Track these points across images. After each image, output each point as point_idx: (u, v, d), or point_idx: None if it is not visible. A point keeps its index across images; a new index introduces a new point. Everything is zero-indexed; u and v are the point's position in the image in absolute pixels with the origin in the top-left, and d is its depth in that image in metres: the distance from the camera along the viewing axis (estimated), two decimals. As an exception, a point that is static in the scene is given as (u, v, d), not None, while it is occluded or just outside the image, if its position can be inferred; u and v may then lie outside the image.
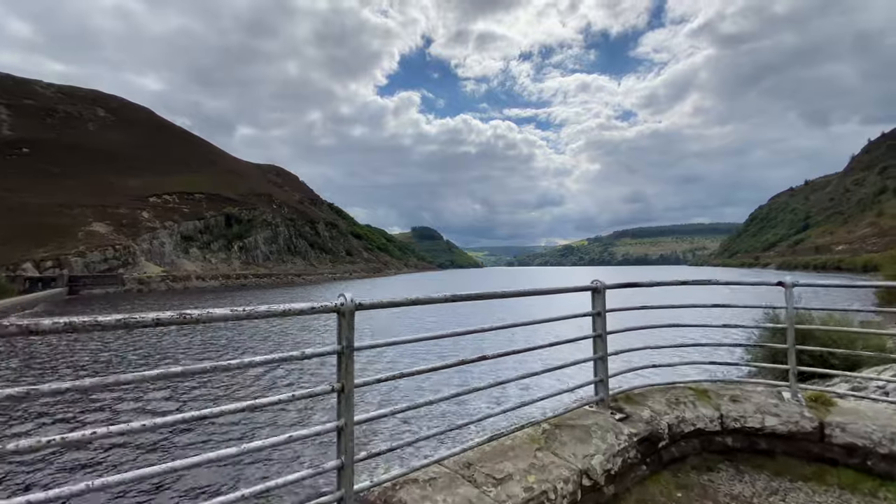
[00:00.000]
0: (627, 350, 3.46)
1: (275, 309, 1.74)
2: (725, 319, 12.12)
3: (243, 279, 74.76)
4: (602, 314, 3.14)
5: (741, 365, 6.37)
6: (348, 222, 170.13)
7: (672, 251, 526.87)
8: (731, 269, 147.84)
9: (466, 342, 17.16)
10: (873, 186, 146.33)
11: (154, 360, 14.91)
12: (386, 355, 14.22)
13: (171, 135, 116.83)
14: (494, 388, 2.76)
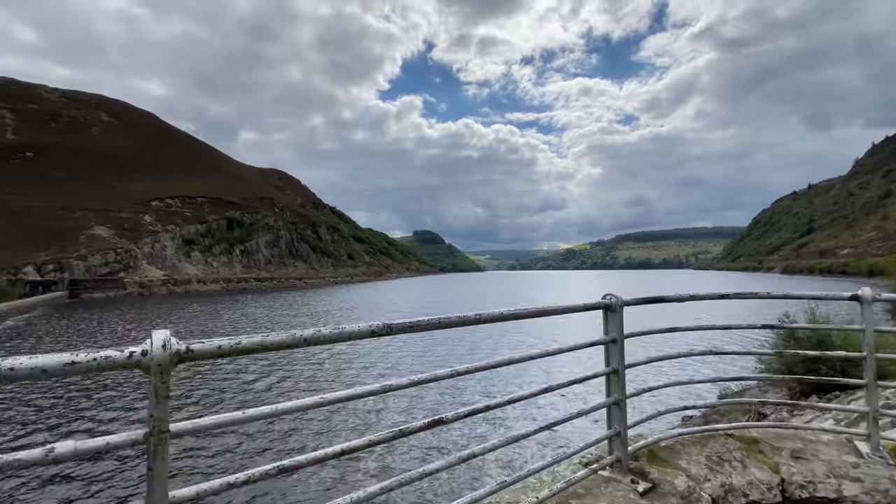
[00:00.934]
0: (652, 389, 2.71)
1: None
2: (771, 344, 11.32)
3: (244, 283, 74.61)
4: (619, 341, 2.40)
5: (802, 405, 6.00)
6: (350, 226, 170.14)
7: (675, 255, 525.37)
8: (735, 272, 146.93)
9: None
10: (878, 190, 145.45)
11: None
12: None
13: (175, 139, 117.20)
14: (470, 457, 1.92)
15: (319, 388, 11.57)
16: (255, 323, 25.74)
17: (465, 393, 10.93)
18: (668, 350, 2.85)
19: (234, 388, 11.50)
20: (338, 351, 15.83)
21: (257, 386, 11.76)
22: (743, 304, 34.35)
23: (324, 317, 29.39)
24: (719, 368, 13.28)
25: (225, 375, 12.71)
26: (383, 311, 33.78)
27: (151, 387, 1.16)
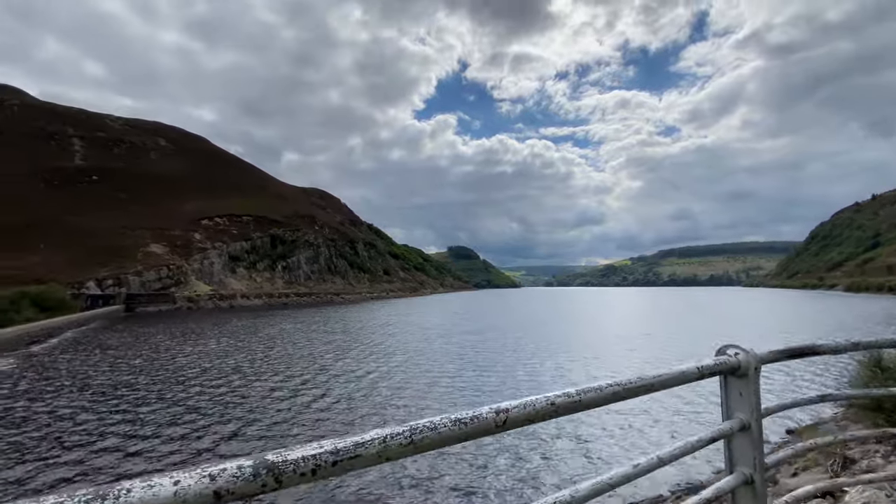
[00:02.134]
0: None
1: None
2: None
3: (285, 298, 76.85)
4: (752, 427, 1.56)
5: None
6: (386, 242, 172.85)
7: (724, 271, 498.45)
8: (793, 290, 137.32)
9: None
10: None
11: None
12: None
13: (224, 162, 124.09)
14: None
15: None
16: (291, 339, 26.15)
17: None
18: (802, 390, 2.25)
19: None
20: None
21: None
22: (846, 331, 31.64)
23: (358, 334, 29.48)
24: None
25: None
26: (418, 327, 33.57)
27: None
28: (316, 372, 16.02)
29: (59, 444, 8.77)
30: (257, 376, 15.33)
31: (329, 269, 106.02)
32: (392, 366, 17.24)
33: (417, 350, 21.56)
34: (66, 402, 12.06)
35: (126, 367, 16.96)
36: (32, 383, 14.32)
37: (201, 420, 10.36)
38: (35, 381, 14.70)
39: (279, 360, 18.43)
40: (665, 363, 17.43)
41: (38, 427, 9.86)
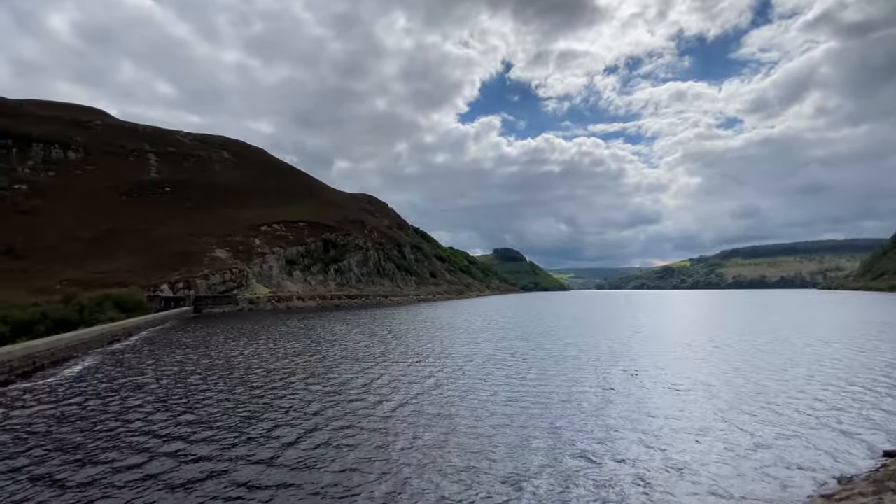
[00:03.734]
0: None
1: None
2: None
3: (337, 300, 79.47)
4: None
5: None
6: (432, 245, 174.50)
7: (796, 272, 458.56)
8: (877, 292, 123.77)
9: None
10: None
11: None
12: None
13: (280, 171, 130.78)
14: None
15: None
16: (338, 338, 26.84)
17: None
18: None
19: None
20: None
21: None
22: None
23: (401, 336, 29.76)
24: (889, 418, 10.69)
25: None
26: (462, 331, 33.47)
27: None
28: (365, 377, 16.29)
29: (133, 432, 9.47)
30: (321, 379, 15.80)
31: (378, 271, 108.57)
32: (445, 372, 17.22)
33: (465, 356, 21.41)
34: (141, 398, 13.01)
35: (193, 367, 18.09)
36: (112, 380, 15.60)
37: (255, 424, 10.78)
38: (115, 377, 16.02)
39: (340, 362, 18.94)
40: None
41: (116, 420, 10.70)
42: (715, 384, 14.44)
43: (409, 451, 8.62)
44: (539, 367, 17.54)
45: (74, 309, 27.54)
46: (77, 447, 8.71)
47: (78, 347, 21.40)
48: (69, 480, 7.26)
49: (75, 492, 6.88)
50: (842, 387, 13.89)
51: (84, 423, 10.27)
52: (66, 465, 7.87)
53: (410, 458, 8.26)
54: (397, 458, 8.22)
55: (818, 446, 8.83)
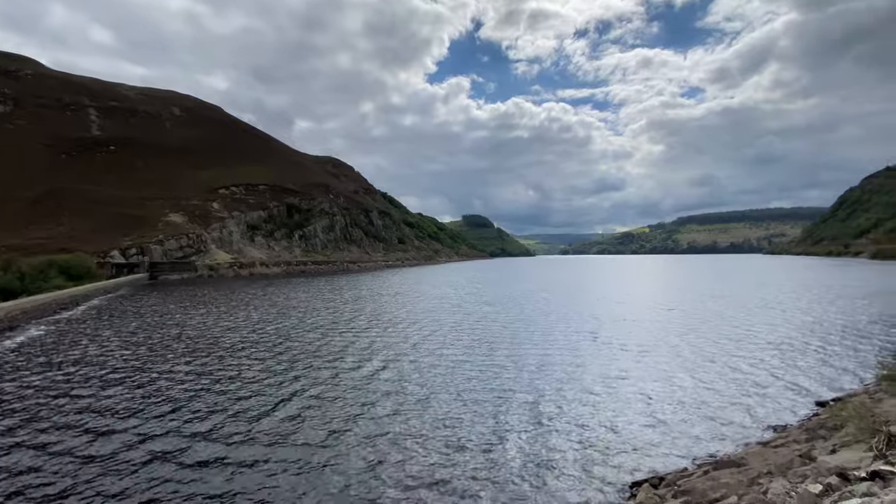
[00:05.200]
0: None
1: None
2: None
3: (303, 266, 77.94)
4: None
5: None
6: (401, 211, 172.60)
7: (745, 238, 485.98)
8: (817, 258, 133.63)
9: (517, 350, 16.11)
10: None
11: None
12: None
13: (238, 130, 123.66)
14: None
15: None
16: (304, 306, 26.47)
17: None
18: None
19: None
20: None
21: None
22: (872, 300, 30.82)
23: (366, 301, 29.69)
24: (819, 370, 11.68)
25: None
26: (430, 298, 33.74)
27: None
28: (330, 347, 16.19)
29: (74, 400, 9.04)
30: (285, 348, 15.56)
31: (345, 237, 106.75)
32: (413, 340, 17.34)
33: (433, 320, 21.62)
34: (89, 371, 12.42)
35: (148, 336, 17.39)
36: (56, 352, 14.79)
37: (193, 396, 10.54)
38: (60, 349, 15.19)
39: (305, 330, 18.69)
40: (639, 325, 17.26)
41: (57, 393, 10.17)
42: (668, 345, 15.26)
43: (389, 417, 8.68)
44: (504, 332, 17.96)
45: (15, 276, 25.61)
46: (11, 429, 8.18)
47: (19, 318, 20.06)
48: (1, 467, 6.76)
49: (8, 480, 6.22)
50: (782, 345, 14.99)
51: (22, 401, 9.66)
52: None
53: (388, 426, 8.33)
54: (373, 428, 8.26)
55: (759, 399, 9.54)
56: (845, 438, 5.33)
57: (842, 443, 5.26)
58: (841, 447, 5.10)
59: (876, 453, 4.35)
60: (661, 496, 5.25)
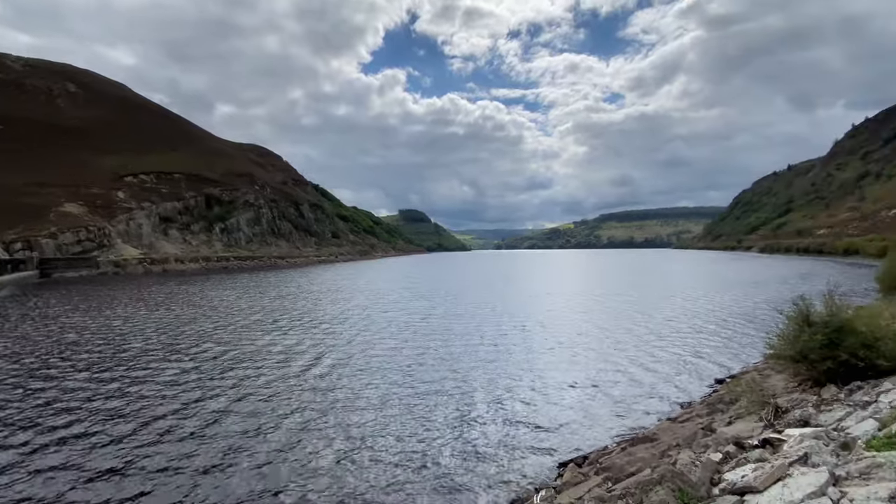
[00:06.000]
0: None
1: None
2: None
3: (225, 262, 72.80)
4: None
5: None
6: (334, 204, 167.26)
7: (657, 234, 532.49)
8: (715, 251, 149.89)
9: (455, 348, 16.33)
10: (855, 171, 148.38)
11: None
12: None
13: (147, 112, 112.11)
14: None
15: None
16: (222, 304, 24.82)
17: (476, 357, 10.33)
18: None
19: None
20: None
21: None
22: (758, 288, 34.47)
23: (296, 299, 28.56)
24: (716, 351, 13.05)
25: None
26: (365, 293, 33.13)
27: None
28: (248, 348, 15.34)
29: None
30: (198, 353, 14.40)
31: (272, 231, 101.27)
32: (345, 338, 16.88)
33: (363, 318, 21.23)
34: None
35: (32, 345, 15.30)
36: (-82, 360, 12.50)
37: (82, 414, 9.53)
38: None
39: (223, 331, 17.44)
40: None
41: (-75, 410, 8.57)
42: (588, 334, 16.24)
43: (317, 415, 8.28)
44: (438, 326, 18.06)
45: None
46: None
47: None
48: None
49: None
50: (686, 330, 16.56)
51: None
52: None
53: (315, 424, 7.94)
54: (299, 424, 7.84)
55: (668, 380, 10.44)
56: (740, 411, 5.95)
57: (737, 415, 5.85)
58: (736, 419, 5.67)
59: (765, 423, 4.89)
60: (584, 473, 5.50)
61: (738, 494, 3.22)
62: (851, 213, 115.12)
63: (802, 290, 12.67)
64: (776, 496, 2.94)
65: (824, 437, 3.56)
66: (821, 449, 3.28)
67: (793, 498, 2.84)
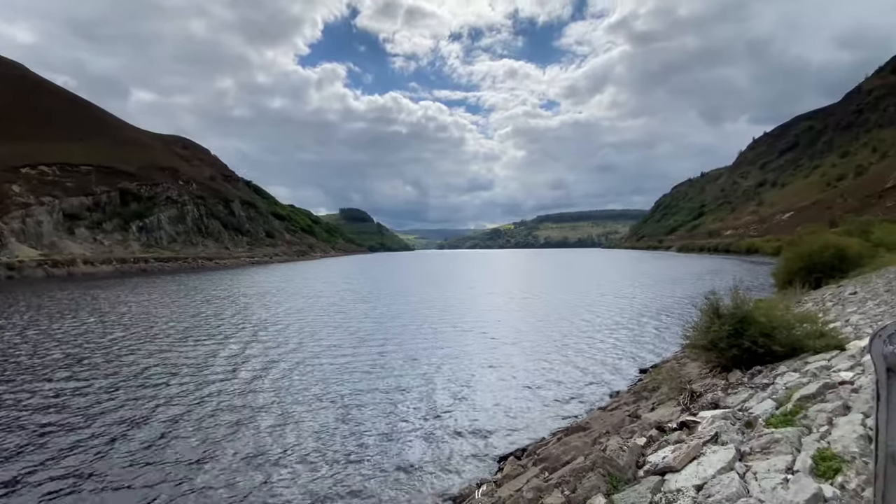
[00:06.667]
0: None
1: None
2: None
3: (144, 263, 66.69)
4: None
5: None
6: (269, 202, 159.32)
7: (589, 235, 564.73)
8: (640, 251, 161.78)
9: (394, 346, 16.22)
10: (755, 179, 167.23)
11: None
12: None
13: (50, 95, 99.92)
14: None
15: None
16: (138, 312, 22.83)
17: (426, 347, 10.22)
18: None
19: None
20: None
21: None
22: (675, 284, 37.21)
23: (225, 303, 26.99)
24: (640, 343, 14.07)
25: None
26: (301, 295, 31.97)
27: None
28: (166, 359, 14.26)
29: None
30: (107, 368, 13.09)
31: (199, 230, 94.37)
32: (267, 346, 16.15)
33: (299, 322, 20.49)
34: None
35: None
36: None
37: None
38: None
39: (139, 343, 15.98)
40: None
41: None
42: (524, 331, 16.84)
43: (245, 428, 7.79)
44: (377, 328, 17.82)
45: None
46: None
47: None
48: None
49: None
50: (614, 325, 17.68)
51: None
52: None
53: (244, 438, 7.48)
54: (235, 438, 7.34)
55: (599, 372, 11.09)
56: (661, 397, 6.44)
57: (659, 401, 6.33)
58: (658, 405, 6.14)
59: (683, 407, 5.34)
60: (523, 465, 5.67)
61: (660, 474, 3.48)
62: (752, 216, 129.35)
63: (713, 286, 14.02)
64: (692, 474, 3.22)
65: (731, 417, 3.95)
66: (729, 428, 3.64)
67: (706, 474, 3.12)
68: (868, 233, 26.43)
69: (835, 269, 17.07)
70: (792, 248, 19.52)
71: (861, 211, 66.61)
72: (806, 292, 15.49)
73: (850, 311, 9.59)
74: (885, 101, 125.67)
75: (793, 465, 2.86)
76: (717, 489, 2.86)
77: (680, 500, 2.97)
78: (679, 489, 3.10)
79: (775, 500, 2.56)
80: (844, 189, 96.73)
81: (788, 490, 2.59)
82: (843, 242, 18.69)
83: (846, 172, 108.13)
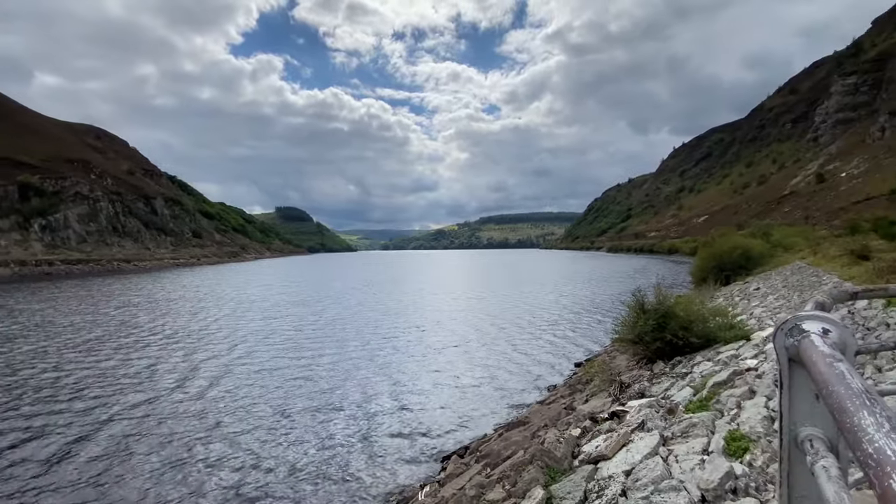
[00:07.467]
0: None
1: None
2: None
3: (47, 266, 59.58)
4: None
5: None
6: (196, 199, 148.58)
7: (527, 236, 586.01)
8: (574, 251, 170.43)
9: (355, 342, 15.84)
10: (675, 185, 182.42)
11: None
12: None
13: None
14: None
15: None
16: (34, 325, 20.46)
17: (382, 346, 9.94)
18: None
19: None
20: (177, 346, 13.35)
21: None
22: (606, 282, 39.15)
23: (142, 311, 24.99)
24: (575, 339, 14.79)
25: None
26: (229, 301, 30.25)
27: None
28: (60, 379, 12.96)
29: None
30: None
31: (114, 229, 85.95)
32: (191, 357, 15.13)
33: (229, 331, 19.40)
34: None
35: None
36: None
37: None
38: None
39: (38, 361, 14.27)
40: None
41: None
42: (463, 332, 17.10)
43: (177, 439, 7.16)
44: (315, 334, 17.28)
45: None
46: None
47: None
48: None
49: None
50: (550, 322, 18.45)
51: None
52: None
53: (175, 448, 6.88)
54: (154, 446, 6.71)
55: (536, 368, 11.50)
56: (594, 389, 6.80)
57: (592, 393, 6.68)
58: (592, 396, 6.47)
59: (613, 398, 5.67)
60: (466, 463, 5.73)
61: (594, 463, 3.67)
62: (673, 219, 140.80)
63: (639, 284, 15.07)
64: (622, 460, 3.42)
65: (656, 405, 4.26)
66: (653, 416, 3.92)
67: (634, 460, 3.33)
68: (769, 235, 29.85)
69: (742, 267, 19.07)
70: (706, 249, 21.48)
71: (763, 215, 74.93)
72: (718, 288, 17.14)
73: (755, 305, 10.74)
74: (784, 117, 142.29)
75: (708, 447, 3.14)
76: (643, 473, 3.06)
77: (611, 486, 3.14)
78: (610, 475, 3.29)
79: (694, 480, 2.78)
80: (749, 195, 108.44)
81: (705, 469, 2.83)
82: (749, 244, 20.92)
83: (751, 181, 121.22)
